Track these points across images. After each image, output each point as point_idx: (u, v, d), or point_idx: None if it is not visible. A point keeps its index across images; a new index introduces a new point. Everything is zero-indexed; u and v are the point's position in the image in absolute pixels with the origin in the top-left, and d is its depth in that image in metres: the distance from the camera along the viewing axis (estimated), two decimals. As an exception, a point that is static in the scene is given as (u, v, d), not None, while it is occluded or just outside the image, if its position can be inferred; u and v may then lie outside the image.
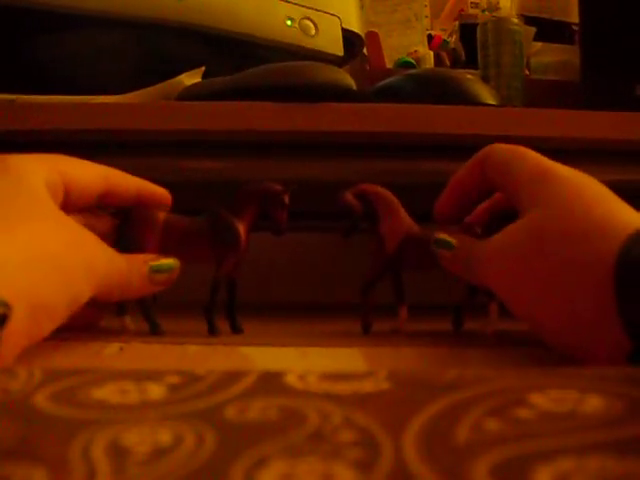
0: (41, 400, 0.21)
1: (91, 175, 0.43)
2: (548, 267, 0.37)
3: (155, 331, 0.46)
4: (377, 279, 0.48)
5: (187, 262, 0.45)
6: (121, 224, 0.46)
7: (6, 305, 0.30)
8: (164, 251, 0.45)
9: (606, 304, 0.34)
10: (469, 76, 0.68)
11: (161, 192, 0.47)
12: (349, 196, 0.48)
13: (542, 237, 0.38)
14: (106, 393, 0.21)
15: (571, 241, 0.37)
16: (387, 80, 0.68)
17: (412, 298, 0.48)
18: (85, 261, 0.38)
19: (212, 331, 0.45)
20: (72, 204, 0.42)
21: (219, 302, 0.46)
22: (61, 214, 0.39)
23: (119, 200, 0.46)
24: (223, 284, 0.46)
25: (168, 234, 0.46)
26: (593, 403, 0.19)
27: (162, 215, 0.46)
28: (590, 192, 0.39)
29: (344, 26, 0.79)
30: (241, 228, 0.46)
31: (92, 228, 0.41)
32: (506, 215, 0.47)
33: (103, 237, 0.42)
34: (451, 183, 0.47)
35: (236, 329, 0.47)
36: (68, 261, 0.37)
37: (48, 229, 0.37)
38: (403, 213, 0.48)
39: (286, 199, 0.46)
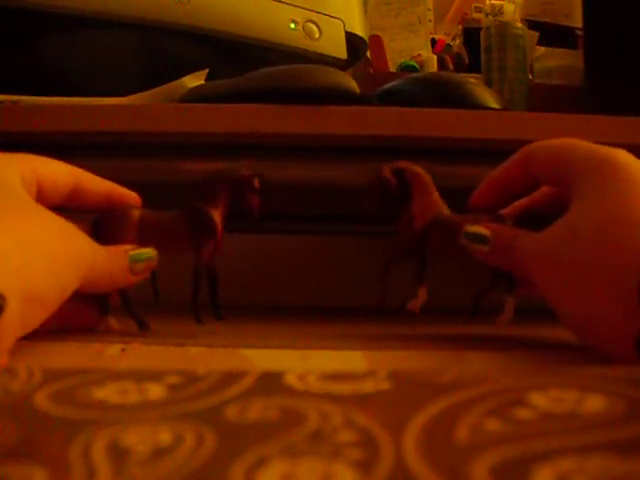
0: (41, 400, 0.21)
1: (61, 173, 0.44)
2: (581, 260, 0.37)
3: (141, 327, 0.46)
4: (401, 257, 0.48)
5: (166, 255, 0.46)
6: (97, 226, 0.46)
7: (2, 297, 0.31)
8: (143, 246, 0.45)
9: (632, 302, 0.34)
10: (472, 80, 0.68)
11: (131, 194, 0.48)
12: (387, 171, 0.48)
13: (578, 231, 0.38)
14: (106, 393, 0.21)
15: (602, 236, 0.37)
16: (390, 83, 0.68)
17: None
18: (71, 251, 0.39)
19: (198, 321, 0.46)
20: (44, 201, 0.42)
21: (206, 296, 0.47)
22: (41, 208, 0.40)
23: (88, 201, 0.46)
24: (204, 274, 0.47)
25: (144, 230, 0.46)
26: (593, 403, 0.19)
27: (137, 212, 0.46)
28: (637, 184, 0.38)
29: (348, 29, 0.79)
30: (216, 216, 0.47)
31: None
32: (540, 215, 0.47)
33: None
34: (491, 176, 0.47)
35: (220, 317, 0.47)
36: (55, 251, 0.37)
37: (33, 221, 0.38)
38: (436, 195, 0.48)
39: (256, 183, 0.46)
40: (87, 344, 0.42)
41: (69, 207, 0.45)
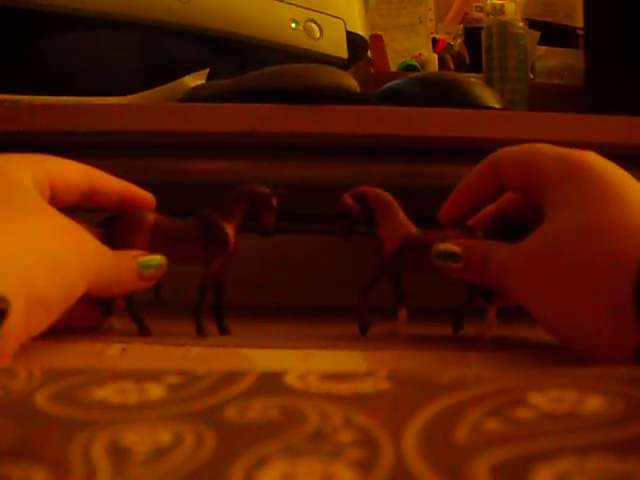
0: (41, 400, 0.21)
1: (75, 173, 0.44)
2: (567, 270, 0.37)
3: (143, 331, 0.46)
4: (375, 282, 0.48)
5: (176, 263, 0.45)
6: (109, 226, 0.46)
7: (5, 300, 0.31)
8: (153, 252, 0.45)
9: (624, 307, 0.34)
10: (473, 79, 0.68)
11: (145, 195, 0.47)
12: (348, 199, 0.48)
13: (559, 241, 0.38)
14: (106, 393, 0.21)
15: (589, 242, 0.36)
16: (391, 83, 0.68)
17: (412, 300, 0.48)
18: (78, 255, 0.39)
19: (200, 332, 0.46)
20: (57, 202, 0.42)
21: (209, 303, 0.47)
22: (52, 210, 0.40)
23: (103, 200, 0.46)
24: (211, 285, 0.47)
25: (157, 235, 0.46)
26: (593, 403, 0.19)
27: (151, 217, 0.46)
28: (614, 188, 0.38)
29: (348, 29, 0.78)
30: (230, 230, 0.46)
31: None
32: (511, 220, 0.47)
33: None
34: (460, 187, 0.47)
35: (223, 330, 0.47)
36: (62, 255, 0.37)
37: (41, 224, 0.38)
38: (402, 215, 0.48)
39: (274, 202, 0.46)
40: (88, 344, 0.42)
41: (83, 206, 0.45)
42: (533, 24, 1.07)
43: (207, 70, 0.68)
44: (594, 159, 0.40)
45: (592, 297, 0.36)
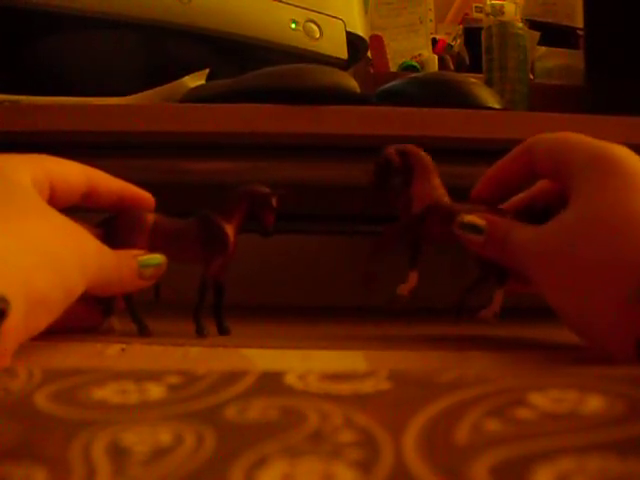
0: (41, 400, 0.21)
1: (75, 174, 0.44)
2: (581, 260, 0.37)
3: (142, 332, 0.46)
4: (397, 237, 0.48)
5: (176, 263, 0.45)
6: (109, 226, 0.46)
7: (4, 300, 0.31)
8: (153, 252, 0.45)
9: (633, 304, 0.34)
10: (473, 80, 0.68)
11: (144, 195, 0.47)
12: (391, 150, 0.48)
13: (577, 229, 0.38)
14: (106, 393, 0.21)
15: (602, 234, 0.37)
16: (391, 83, 0.68)
17: (413, 301, 0.47)
18: (78, 255, 0.39)
19: (200, 332, 0.46)
20: (57, 202, 0.42)
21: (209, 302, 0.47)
22: (51, 210, 0.40)
23: (102, 200, 0.46)
24: (211, 285, 0.47)
25: (157, 235, 0.46)
26: (593, 403, 0.19)
27: (151, 217, 0.46)
28: (634, 180, 0.38)
29: (348, 29, 0.79)
30: (230, 230, 0.46)
31: None
32: (540, 209, 0.47)
33: None
34: (494, 168, 0.47)
35: (223, 330, 0.47)
36: (62, 255, 0.37)
37: (41, 224, 0.38)
38: (438, 182, 0.48)
39: (274, 202, 0.46)
40: (87, 344, 0.42)
41: (83, 206, 0.45)
42: (533, 24, 1.07)
43: (207, 70, 0.68)
44: (620, 151, 0.40)
45: (602, 289, 0.36)
